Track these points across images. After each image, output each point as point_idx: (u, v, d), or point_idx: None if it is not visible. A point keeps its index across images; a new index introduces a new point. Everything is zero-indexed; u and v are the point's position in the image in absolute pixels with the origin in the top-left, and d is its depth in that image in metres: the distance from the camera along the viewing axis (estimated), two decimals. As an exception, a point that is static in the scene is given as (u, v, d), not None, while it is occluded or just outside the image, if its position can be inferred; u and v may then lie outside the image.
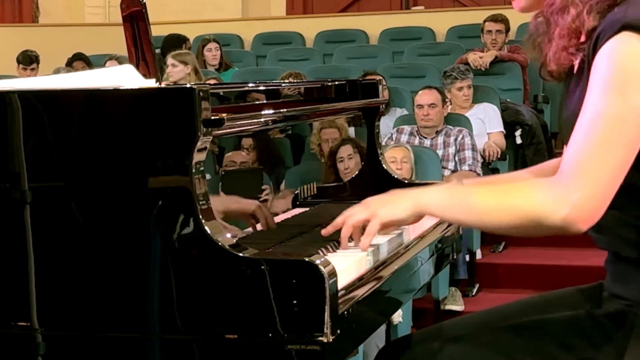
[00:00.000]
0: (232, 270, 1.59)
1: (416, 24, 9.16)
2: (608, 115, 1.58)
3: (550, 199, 1.60)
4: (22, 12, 10.87)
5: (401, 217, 1.81)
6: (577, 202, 1.58)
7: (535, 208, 1.62)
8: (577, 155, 1.60)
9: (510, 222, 1.66)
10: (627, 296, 1.74)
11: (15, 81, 2.30)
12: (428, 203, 1.78)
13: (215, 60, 8.19)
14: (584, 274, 4.99)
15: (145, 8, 2.08)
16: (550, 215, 1.60)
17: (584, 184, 1.58)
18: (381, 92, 2.60)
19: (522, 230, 1.68)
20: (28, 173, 1.70)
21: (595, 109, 1.59)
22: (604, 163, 1.58)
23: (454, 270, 5.16)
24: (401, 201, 1.81)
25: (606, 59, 1.60)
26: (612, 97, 1.58)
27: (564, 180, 1.60)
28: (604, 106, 1.58)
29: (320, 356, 1.55)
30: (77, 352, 1.69)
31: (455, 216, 1.79)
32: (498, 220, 1.68)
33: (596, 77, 1.61)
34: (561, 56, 1.71)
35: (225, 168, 1.99)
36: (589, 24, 1.67)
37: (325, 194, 2.40)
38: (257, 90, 2.31)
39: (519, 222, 1.65)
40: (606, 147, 1.58)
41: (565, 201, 1.59)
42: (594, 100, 1.60)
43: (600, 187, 1.59)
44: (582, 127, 1.61)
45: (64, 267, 1.69)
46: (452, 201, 1.76)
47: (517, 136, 6.44)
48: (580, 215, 1.59)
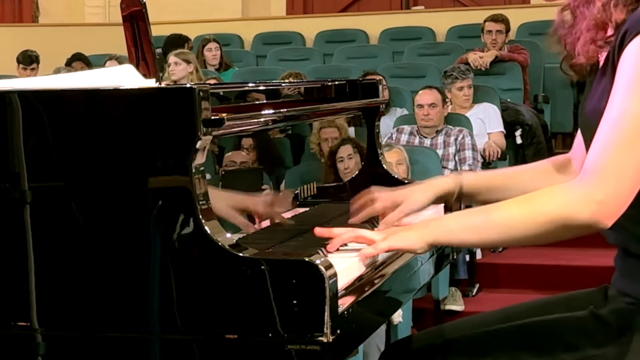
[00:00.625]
0: (232, 270, 1.59)
1: (416, 24, 9.16)
2: (633, 114, 1.59)
3: (577, 199, 1.62)
4: (22, 12, 10.86)
5: (412, 248, 1.77)
6: (603, 199, 1.60)
7: (563, 210, 1.63)
8: (602, 155, 1.62)
9: (538, 229, 1.66)
10: (633, 293, 1.74)
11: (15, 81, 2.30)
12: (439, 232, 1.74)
13: (215, 60, 8.19)
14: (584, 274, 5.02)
15: (145, 8, 2.08)
16: (578, 216, 1.62)
17: (608, 181, 1.60)
18: (381, 92, 2.60)
19: (550, 236, 1.67)
20: (28, 173, 1.70)
21: (621, 109, 1.61)
22: (628, 162, 1.60)
23: (454, 270, 5.17)
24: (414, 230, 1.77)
25: (633, 58, 1.61)
26: (634, 97, 1.59)
27: (589, 180, 1.62)
28: (630, 106, 1.60)
29: (320, 356, 1.55)
30: (77, 352, 1.69)
31: (478, 237, 1.74)
32: (525, 230, 1.67)
33: (622, 76, 1.62)
34: (590, 49, 1.72)
35: (225, 168, 1.99)
36: (617, 17, 1.68)
37: (325, 194, 2.40)
38: (257, 90, 2.31)
39: (547, 228, 1.65)
40: (631, 146, 1.60)
41: (591, 200, 1.60)
42: (619, 100, 1.61)
43: (624, 185, 1.61)
44: (607, 126, 1.62)
45: (64, 267, 1.69)
46: (467, 223, 1.73)
47: (517, 136, 6.45)
48: (606, 212, 1.61)
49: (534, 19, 8.21)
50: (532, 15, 8.43)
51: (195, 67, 7.06)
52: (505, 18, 7.23)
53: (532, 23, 8.18)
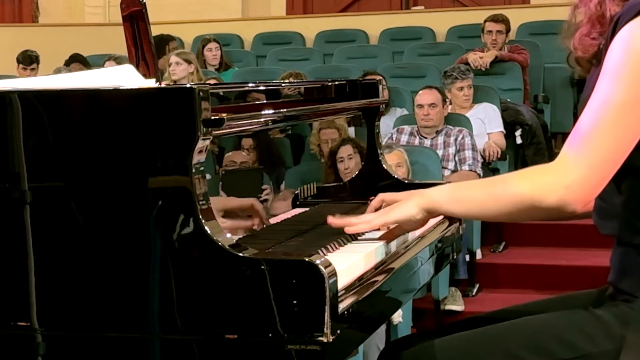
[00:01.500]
0: (232, 270, 1.59)
1: (416, 24, 9.15)
2: (615, 102, 1.63)
3: (546, 183, 1.68)
4: (22, 12, 10.86)
5: (410, 214, 1.89)
6: (571, 184, 1.65)
7: (532, 192, 1.69)
8: (578, 139, 1.66)
9: (510, 208, 1.74)
10: (627, 288, 1.75)
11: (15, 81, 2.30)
12: (432, 198, 1.88)
13: (215, 60, 8.19)
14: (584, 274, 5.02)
15: (145, 8, 2.08)
16: (545, 199, 1.67)
17: (578, 168, 1.65)
18: (381, 92, 2.60)
19: (522, 215, 1.77)
20: (28, 173, 1.70)
21: (604, 95, 1.64)
22: (600, 149, 1.64)
23: (454, 270, 5.16)
24: (408, 200, 1.91)
25: (621, 44, 1.63)
26: (621, 84, 1.62)
27: (562, 164, 1.67)
28: (613, 93, 1.63)
29: (320, 356, 1.55)
30: (77, 352, 1.69)
31: (457, 208, 1.88)
32: (498, 207, 1.76)
33: (609, 62, 1.65)
34: (585, 41, 1.75)
35: (225, 168, 1.99)
36: (613, 10, 1.71)
37: (325, 194, 2.40)
38: (257, 90, 2.31)
39: (518, 207, 1.72)
40: (605, 134, 1.63)
41: (559, 184, 1.66)
42: (603, 86, 1.65)
43: (594, 172, 1.65)
44: (588, 111, 1.66)
45: (64, 267, 1.69)
46: (454, 194, 1.86)
47: (517, 136, 6.44)
48: (574, 197, 1.66)
49: (534, 19, 8.21)
50: (532, 15, 8.43)
51: (196, 67, 7.06)
52: (505, 18, 7.22)
53: (532, 23, 8.19)
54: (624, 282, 1.77)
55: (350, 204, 2.40)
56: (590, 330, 1.76)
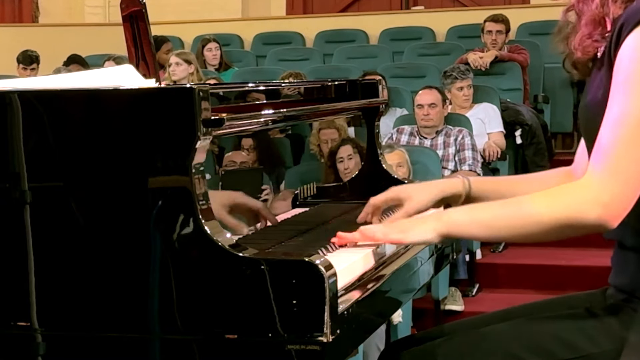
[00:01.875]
0: (232, 270, 1.59)
1: (416, 24, 9.16)
2: (633, 114, 1.60)
3: (584, 201, 1.63)
4: (22, 12, 10.86)
5: (428, 239, 1.79)
6: (609, 201, 1.61)
7: (570, 212, 1.64)
8: (604, 156, 1.62)
9: (545, 228, 1.67)
10: (627, 288, 1.75)
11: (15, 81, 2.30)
12: (451, 223, 1.76)
13: (215, 60, 8.19)
14: (584, 274, 5.03)
15: (145, 8, 2.08)
16: (585, 217, 1.63)
17: (615, 184, 1.61)
18: (381, 92, 2.60)
19: (557, 236, 1.69)
20: (28, 173, 1.70)
21: (621, 108, 1.61)
22: (633, 161, 1.61)
23: (454, 270, 5.17)
24: (424, 224, 1.79)
25: (630, 54, 1.61)
26: (634, 95, 1.60)
27: (595, 181, 1.63)
28: (630, 105, 1.60)
29: (320, 356, 1.55)
30: (77, 352, 1.69)
31: (483, 231, 1.77)
32: (530, 229, 1.69)
33: (620, 74, 1.63)
34: (586, 44, 1.73)
35: (225, 168, 1.99)
36: (615, 12, 1.69)
37: (325, 194, 2.40)
38: (257, 90, 2.30)
39: (555, 228, 1.66)
40: (634, 146, 1.60)
41: (598, 202, 1.62)
42: (619, 99, 1.62)
43: (630, 186, 1.62)
44: (609, 125, 1.63)
45: (64, 267, 1.69)
46: (477, 218, 1.76)
47: (517, 136, 6.45)
48: (613, 214, 1.62)
49: (534, 19, 8.21)
50: (532, 15, 8.43)
51: (196, 67, 7.07)
52: (505, 18, 7.23)
53: (532, 23, 8.19)
54: (625, 283, 1.77)
55: (350, 204, 2.40)
56: (591, 330, 1.76)
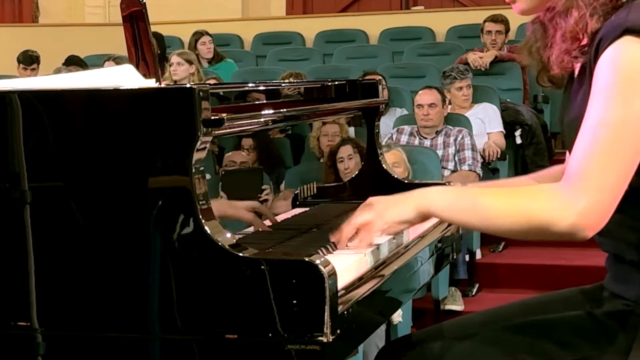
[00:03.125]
0: (232, 270, 1.59)
1: (416, 24, 9.16)
2: (611, 122, 1.57)
3: (557, 207, 1.60)
4: (22, 12, 10.87)
5: (406, 218, 1.78)
6: (583, 210, 1.58)
7: (543, 215, 1.61)
8: (582, 163, 1.59)
9: (516, 226, 1.66)
10: (627, 296, 1.74)
11: (15, 81, 2.30)
12: (432, 204, 1.75)
13: (209, 53, 8.19)
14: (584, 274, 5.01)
15: (145, 8, 2.08)
16: (557, 223, 1.60)
17: (589, 191, 1.58)
18: (381, 92, 2.60)
19: (528, 235, 1.66)
20: (28, 173, 1.70)
21: (598, 117, 1.59)
22: (608, 170, 1.58)
23: (453, 270, 5.17)
24: (406, 202, 1.78)
25: (608, 65, 1.59)
26: (614, 104, 1.57)
27: (570, 188, 1.60)
28: (607, 113, 1.58)
29: (320, 356, 1.55)
30: (77, 352, 1.69)
31: (460, 218, 1.76)
32: (505, 223, 1.67)
33: (598, 83, 1.60)
34: (564, 59, 1.70)
35: (225, 168, 1.99)
36: (592, 27, 1.66)
37: (325, 194, 2.40)
38: (257, 90, 2.31)
39: (526, 227, 1.64)
40: (610, 154, 1.58)
41: (572, 209, 1.59)
42: (596, 108, 1.60)
43: (606, 194, 1.59)
44: (586, 134, 1.60)
45: (64, 267, 1.69)
46: (458, 203, 1.74)
47: (517, 136, 6.45)
48: (586, 222, 1.59)
49: (534, 19, 8.20)
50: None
51: (197, 67, 7.07)
52: (505, 18, 7.23)
53: (532, 23, 8.17)
54: (624, 290, 1.76)
55: (350, 204, 2.40)
56: (591, 332, 1.76)
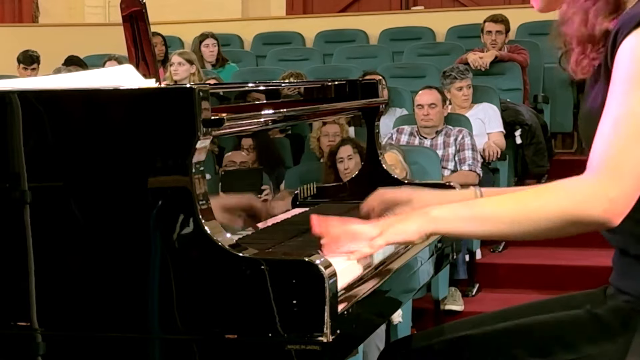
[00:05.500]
0: (232, 270, 1.59)
1: (416, 24, 9.15)
2: (632, 112, 1.58)
3: (590, 196, 1.59)
4: (22, 12, 10.86)
5: (409, 239, 1.74)
6: (615, 197, 1.58)
7: (576, 206, 1.59)
8: (607, 152, 1.59)
9: (546, 225, 1.63)
10: (630, 291, 1.75)
11: (15, 81, 2.30)
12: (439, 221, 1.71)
13: (212, 56, 8.15)
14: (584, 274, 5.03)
15: (145, 8, 2.08)
16: (590, 212, 1.59)
17: (621, 178, 1.58)
18: (381, 92, 2.60)
19: (558, 232, 1.64)
20: (28, 173, 1.70)
21: (621, 106, 1.59)
22: (634, 159, 1.58)
23: (453, 270, 5.17)
24: (408, 221, 1.73)
25: (628, 54, 1.60)
26: (634, 95, 1.58)
27: (598, 177, 1.59)
28: (630, 102, 1.58)
29: (320, 356, 1.55)
30: (77, 352, 1.69)
31: (478, 229, 1.70)
32: (534, 224, 1.64)
33: (618, 74, 1.61)
34: (583, 64, 1.72)
35: (225, 168, 1.99)
36: (602, 25, 1.67)
37: (325, 194, 2.40)
38: (257, 90, 2.31)
39: (557, 224, 1.62)
40: (635, 143, 1.58)
41: (604, 197, 1.58)
42: (618, 98, 1.60)
43: (633, 181, 1.59)
44: (609, 124, 1.60)
45: (64, 267, 1.69)
46: (471, 214, 1.70)
47: (517, 136, 6.44)
48: (617, 210, 1.59)
49: (534, 19, 8.19)
50: (532, 15, 8.38)
51: (197, 67, 7.07)
52: (505, 18, 7.22)
53: (532, 23, 8.18)
54: (628, 285, 1.76)
55: (350, 204, 2.40)
56: (592, 331, 1.76)
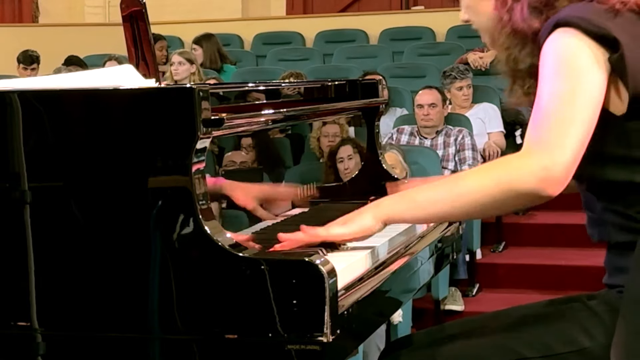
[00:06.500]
0: (232, 270, 1.59)
1: (416, 24, 9.16)
2: (560, 92, 1.68)
3: (522, 167, 1.67)
4: (22, 12, 10.87)
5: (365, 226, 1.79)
6: (548, 165, 1.65)
7: (511, 176, 1.67)
8: (540, 130, 1.68)
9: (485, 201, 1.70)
10: (619, 282, 1.77)
11: (15, 81, 2.30)
12: (389, 209, 1.79)
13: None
14: (584, 274, 5.03)
15: (145, 8, 2.08)
16: (524, 181, 1.66)
17: (551, 149, 1.66)
18: (381, 92, 2.60)
19: (500, 204, 1.71)
20: (28, 173, 1.70)
21: (548, 91, 1.69)
22: (566, 130, 1.66)
23: (454, 270, 5.17)
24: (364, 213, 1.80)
25: (547, 54, 1.71)
26: (561, 79, 1.68)
27: (532, 150, 1.68)
28: (555, 87, 1.68)
29: (320, 356, 1.55)
30: (77, 352, 1.69)
31: (423, 213, 1.79)
32: (472, 203, 1.71)
33: (543, 72, 1.72)
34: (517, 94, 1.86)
35: (225, 168, 1.99)
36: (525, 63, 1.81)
37: (325, 194, 2.40)
38: (257, 90, 2.31)
39: (496, 195, 1.69)
40: (566, 117, 1.67)
41: (536, 165, 1.65)
42: (545, 86, 1.70)
43: (567, 152, 1.66)
44: (538, 108, 1.70)
45: (64, 267, 1.69)
46: (416, 200, 1.78)
47: (517, 136, 6.44)
48: (552, 179, 1.65)
49: (534, 19, 8.20)
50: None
51: (197, 67, 7.06)
52: (505, 18, 7.22)
53: (532, 23, 8.18)
54: (617, 279, 1.78)
55: (350, 204, 2.40)
56: (586, 323, 1.78)
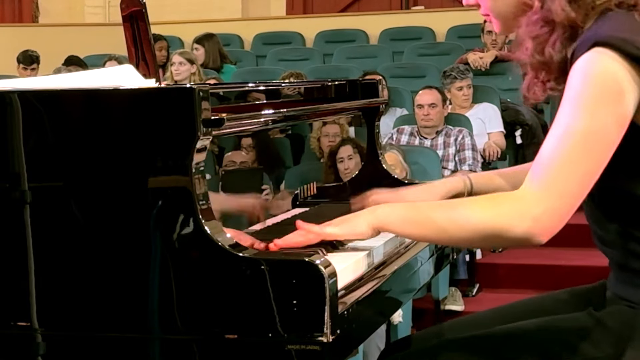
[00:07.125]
0: (232, 270, 1.59)
1: (416, 24, 9.16)
2: (577, 131, 1.59)
3: (513, 213, 1.62)
4: (22, 12, 10.87)
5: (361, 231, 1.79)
6: (539, 216, 1.60)
7: (498, 222, 1.63)
8: (544, 169, 1.61)
9: (472, 236, 1.67)
10: (631, 298, 1.75)
11: (15, 81, 2.30)
12: (383, 218, 1.78)
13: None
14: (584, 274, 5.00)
15: (145, 8, 2.08)
16: (512, 229, 1.61)
17: (547, 198, 1.60)
18: (381, 92, 2.60)
19: (484, 244, 1.70)
20: (28, 173, 1.70)
21: (566, 124, 1.61)
22: (571, 178, 1.60)
23: (454, 270, 5.17)
24: (359, 217, 1.81)
25: (578, 74, 1.61)
26: (582, 114, 1.59)
27: (528, 194, 1.62)
28: (574, 122, 1.60)
29: (320, 356, 1.55)
30: (77, 352, 1.69)
31: (412, 231, 1.77)
32: (459, 234, 1.69)
33: (569, 91, 1.62)
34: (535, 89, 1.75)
35: (225, 168, 1.99)
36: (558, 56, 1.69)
37: (325, 194, 2.40)
38: (257, 90, 2.31)
39: (482, 236, 1.66)
40: (574, 163, 1.59)
41: (528, 215, 1.60)
42: (565, 115, 1.62)
43: (565, 201, 1.60)
44: (551, 141, 1.62)
45: (64, 267, 1.69)
46: (409, 216, 1.76)
47: (517, 136, 6.45)
48: (542, 228, 1.61)
49: (534, 19, 8.20)
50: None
51: (198, 67, 7.06)
52: (505, 18, 7.22)
53: (532, 23, 8.17)
54: (627, 294, 1.77)
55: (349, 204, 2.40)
56: (595, 334, 1.76)
